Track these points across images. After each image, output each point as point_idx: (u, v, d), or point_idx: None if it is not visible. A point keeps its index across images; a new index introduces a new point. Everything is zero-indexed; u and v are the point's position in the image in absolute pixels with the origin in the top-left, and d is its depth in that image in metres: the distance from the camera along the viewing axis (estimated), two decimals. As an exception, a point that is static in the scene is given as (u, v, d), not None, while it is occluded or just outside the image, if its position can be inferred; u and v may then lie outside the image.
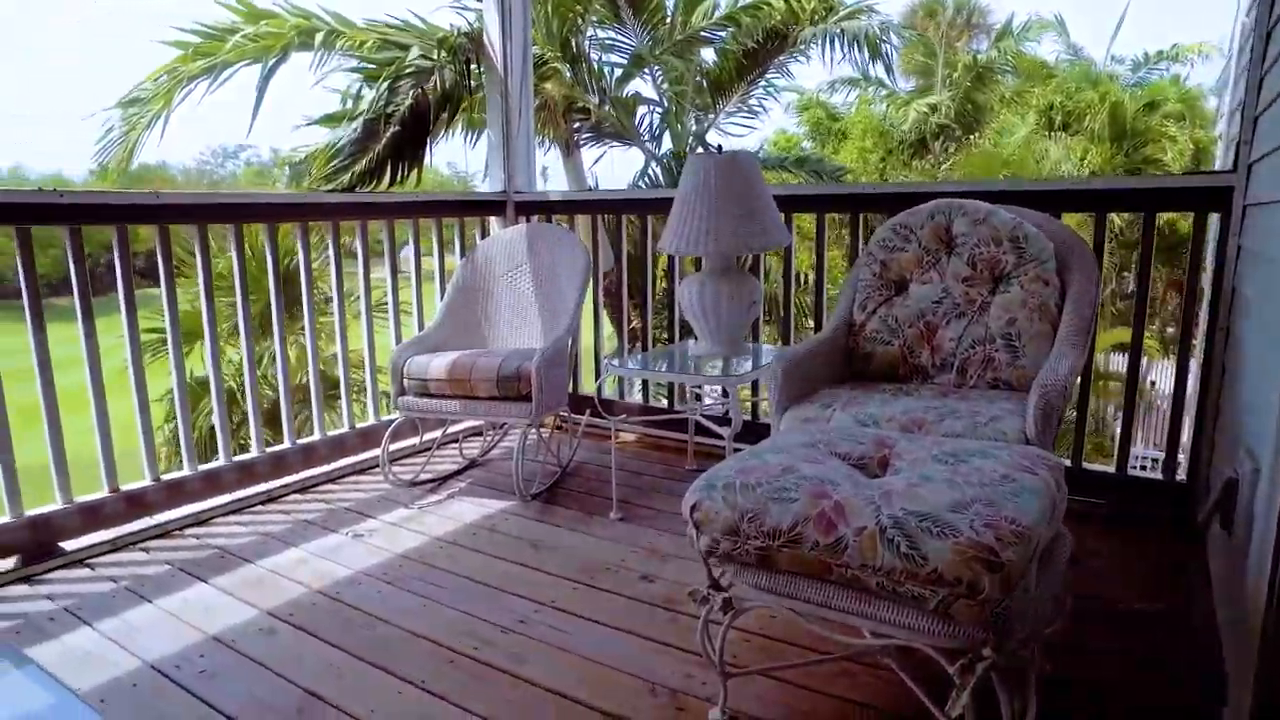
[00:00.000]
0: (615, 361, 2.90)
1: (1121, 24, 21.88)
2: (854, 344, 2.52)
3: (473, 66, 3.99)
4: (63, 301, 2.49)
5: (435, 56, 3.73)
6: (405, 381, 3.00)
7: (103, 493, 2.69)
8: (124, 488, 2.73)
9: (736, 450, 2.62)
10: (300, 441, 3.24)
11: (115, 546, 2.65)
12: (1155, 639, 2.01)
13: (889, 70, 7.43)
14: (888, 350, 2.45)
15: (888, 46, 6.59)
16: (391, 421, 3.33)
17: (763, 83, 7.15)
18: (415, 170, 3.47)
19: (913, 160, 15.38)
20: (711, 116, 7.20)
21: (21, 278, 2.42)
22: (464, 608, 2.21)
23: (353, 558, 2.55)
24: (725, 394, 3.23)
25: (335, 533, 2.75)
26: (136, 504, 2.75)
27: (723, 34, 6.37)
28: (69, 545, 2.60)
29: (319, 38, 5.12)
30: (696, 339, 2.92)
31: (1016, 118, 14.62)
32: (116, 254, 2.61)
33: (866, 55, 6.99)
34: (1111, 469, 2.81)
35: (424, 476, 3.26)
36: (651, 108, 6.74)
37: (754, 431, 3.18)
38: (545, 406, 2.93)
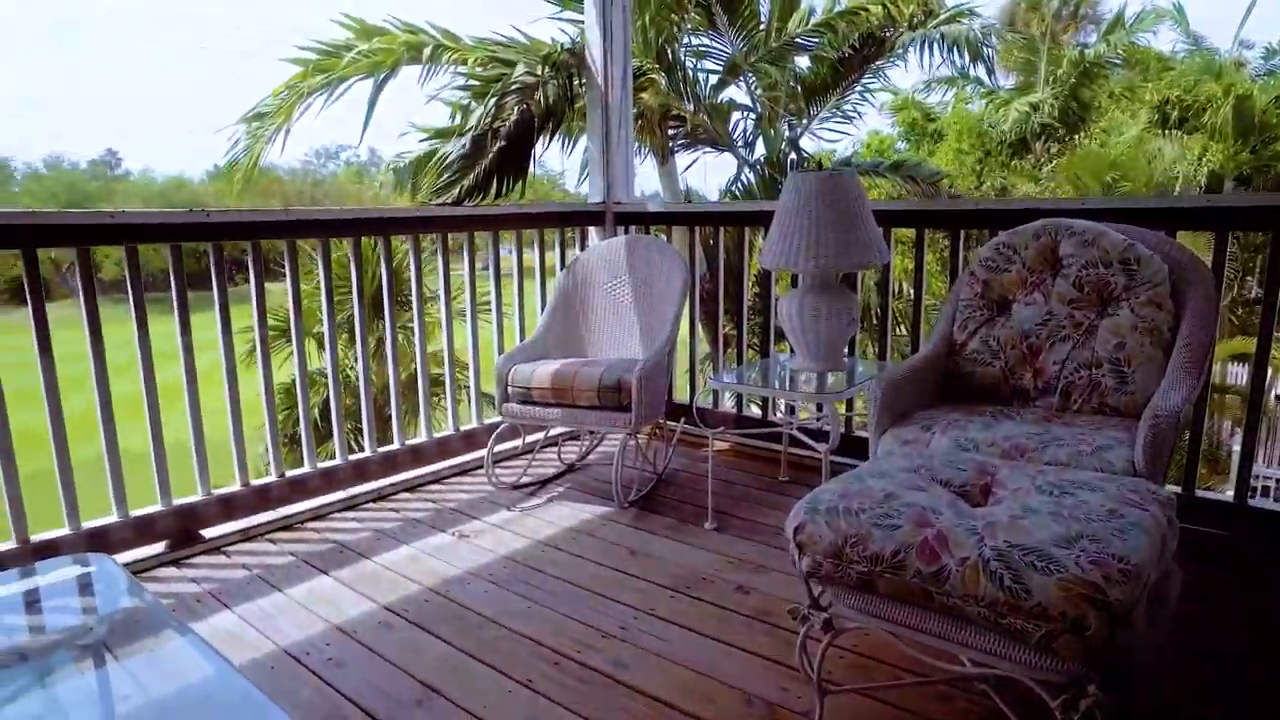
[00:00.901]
0: (713, 375, 2.97)
1: (1254, 5, 20.47)
2: (953, 364, 2.51)
3: (575, 80, 4.11)
4: (195, 294, 2.72)
5: (539, 72, 3.86)
6: (509, 389, 3.14)
7: (235, 486, 2.92)
8: (254, 483, 2.96)
9: (834, 465, 2.66)
10: (409, 443, 3.42)
11: (246, 536, 2.88)
12: (1263, 683, 1.95)
13: (990, 73, 7.22)
14: (988, 371, 2.44)
15: (989, 50, 6.43)
16: (493, 425, 3.48)
17: (858, 87, 7.08)
18: (520, 182, 3.61)
19: (1012, 160, 14.88)
20: (805, 122, 7.17)
21: (174, 288, 2.65)
22: (567, 611, 2.32)
23: (460, 557, 2.69)
24: (821, 408, 3.25)
25: (443, 532, 2.90)
26: (264, 498, 2.98)
27: (818, 40, 6.34)
28: (207, 533, 2.83)
29: (426, 52, 5.35)
30: (793, 352, 2.96)
31: (1126, 115, 13.93)
32: (251, 268, 2.83)
33: (967, 58, 6.84)
34: (1230, 494, 2.70)
35: (525, 480, 3.39)
36: (745, 114, 6.77)
37: (850, 445, 3.20)
38: (644, 417, 3.02)
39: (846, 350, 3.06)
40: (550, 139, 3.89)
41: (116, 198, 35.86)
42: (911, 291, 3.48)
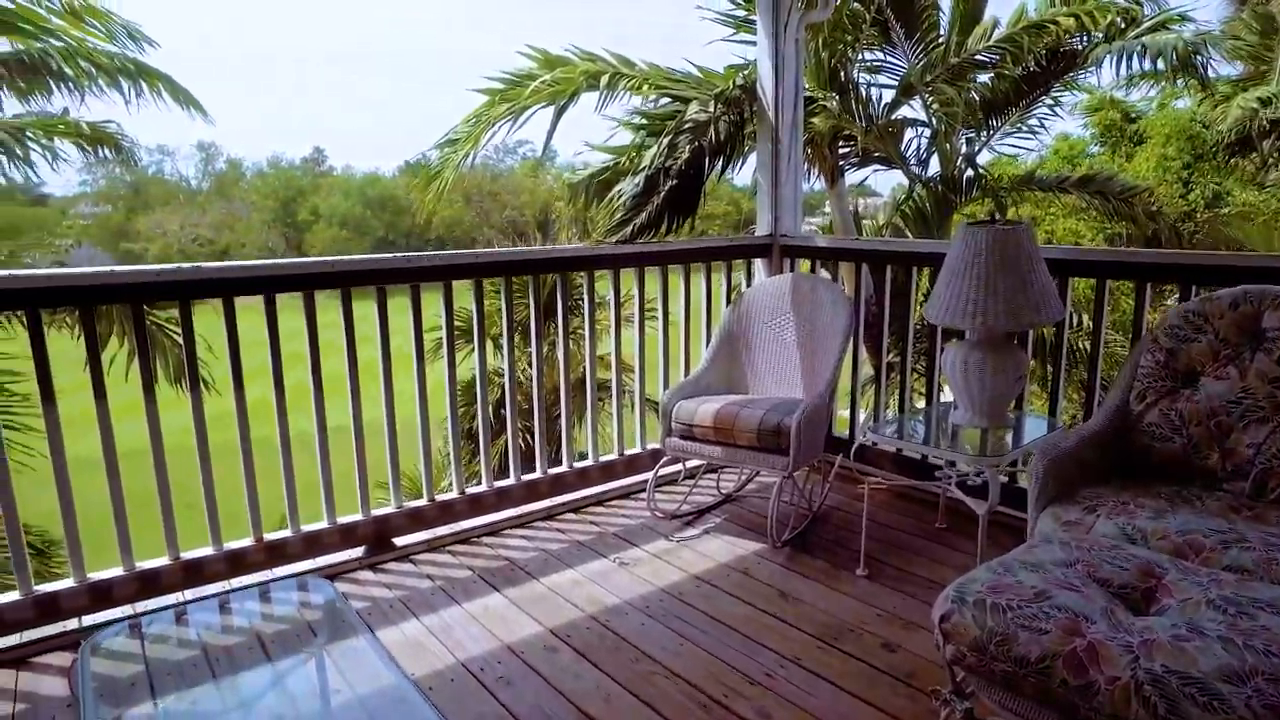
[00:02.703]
0: (872, 424, 2.98)
1: None
2: (1127, 435, 2.41)
3: (746, 113, 4.20)
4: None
5: (711, 109, 3.98)
6: (673, 424, 3.29)
7: (423, 501, 3.26)
8: (439, 498, 3.28)
9: (995, 516, 2.62)
10: (576, 465, 3.65)
11: (430, 547, 3.20)
12: None
13: (1203, 84, 6.59)
14: (1167, 447, 2.32)
15: (1202, 59, 5.87)
16: (655, 451, 3.65)
17: (1045, 100, 6.68)
18: (689, 220, 3.75)
19: (1230, 161, 13.37)
20: (984, 137, 6.86)
21: (379, 333, 3.00)
22: (717, 652, 2.44)
23: (620, 586, 2.88)
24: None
25: (604, 558, 3.10)
26: (447, 512, 3.29)
27: (1000, 55, 6.05)
28: (399, 541, 3.18)
29: (604, 80, 5.61)
30: (956, 405, 2.92)
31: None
32: (443, 308, 3.15)
33: (1175, 61, 6.27)
34: None
35: (684, 508, 3.54)
36: (920, 131, 6.59)
37: (1011, 497, 3.11)
38: (801, 460, 3.08)
39: (1015, 405, 2.99)
40: (722, 173, 4.00)
41: (322, 191, 39.45)
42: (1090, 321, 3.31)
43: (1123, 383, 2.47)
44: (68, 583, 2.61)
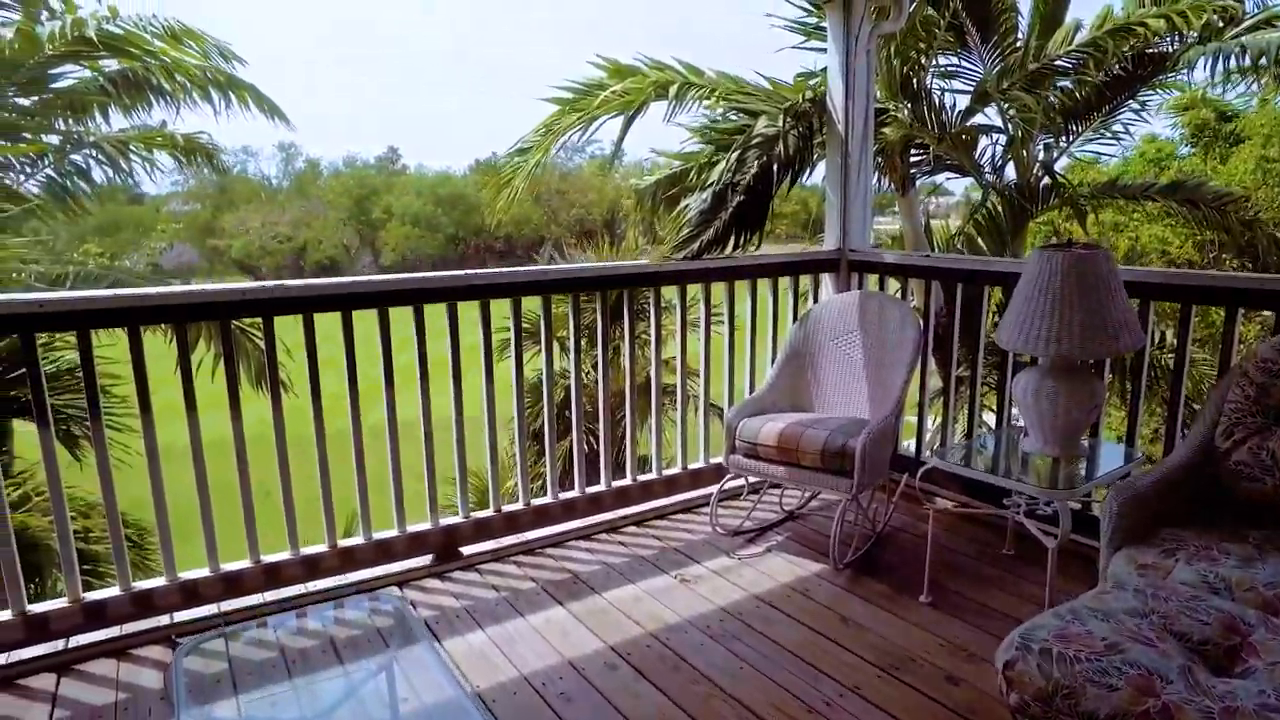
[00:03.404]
0: (937, 451, 2.93)
1: None
2: (1211, 473, 2.31)
3: (816, 126, 4.17)
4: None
5: (780, 123, 3.96)
6: (737, 442, 3.29)
7: (490, 511, 3.33)
8: (505, 509, 3.35)
9: (1069, 545, 2.54)
10: (640, 478, 3.69)
11: (496, 557, 3.27)
12: None
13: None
14: (1256, 488, 2.23)
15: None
16: (717, 465, 3.65)
17: (1131, 104, 6.41)
18: (757, 236, 3.74)
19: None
20: (1063, 143, 6.62)
21: (450, 353, 3.09)
22: (776, 677, 2.44)
23: (681, 603, 2.90)
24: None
25: (665, 574, 3.12)
26: (512, 523, 3.36)
27: (1082, 60, 5.81)
28: (466, 550, 3.26)
29: (673, 90, 5.63)
30: (1026, 431, 2.86)
31: None
32: (512, 324, 3.22)
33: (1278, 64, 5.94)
34: None
35: (746, 525, 3.54)
36: (994, 139, 6.39)
37: (1084, 524, 3.02)
38: (866, 483, 3.05)
39: (1090, 431, 2.90)
40: (790, 188, 3.97)
41: (395, 189, 40.48)
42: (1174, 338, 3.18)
43: (1208, 417, 2.38)
44: (160, 581, 2.76)
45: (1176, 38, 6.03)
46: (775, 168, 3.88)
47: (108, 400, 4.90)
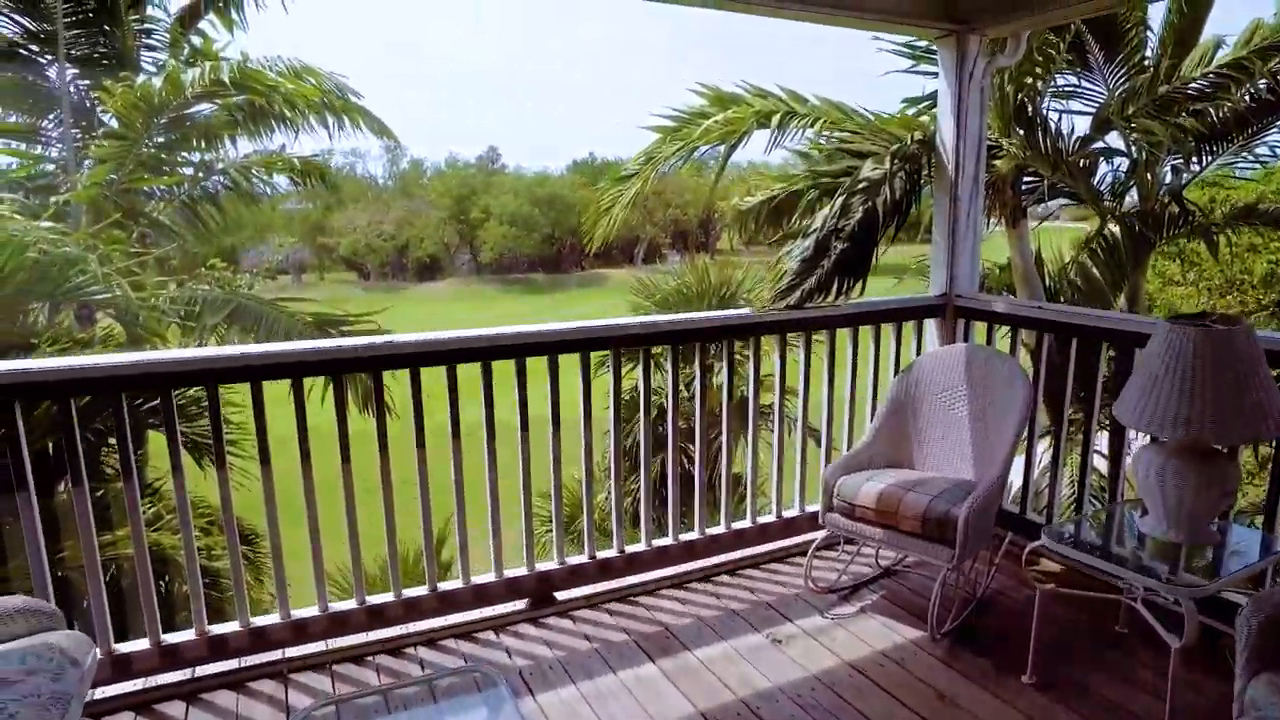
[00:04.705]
0: (1046, 531, 2.79)
1: None
2: (1362, 580, 2.13)
3: (924, 167, 4.04)
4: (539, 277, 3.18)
5: (887, 166, 3.86)
6: (834, 501, 3.23)
7: (583, 557, 3.37)
8: (599, 555, 3.39)
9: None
10: (734, 526, 3.66)
11: (590, 603, 3.32)
12: None
13: None
14: None
15: None
16: (812, 514, 3.59)
17: (1278, 126, 5.92)
18: (860, 284, 3.66)
19: None
20: (1195, 168, 6.19)
21: (550, 402, 3.13)
22: (869, 762, 2.39)
23: (772, 667, 2.86)
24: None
25: (757, 632, 3.10)
26: (605, 570, 3.40)
27: (1222, 83, 5.40)
28: (560, 595, 3.32)
29: (775, 119, 5.57)
30: (1145, 511, 2.69)
31: None
32: (612, 379, 3.25)
33: None
34: None
35: (842, 580, 3.47)
36: (1115, 164, 6.03)
37: (1216, 607, 2.81)
38: (969, 553, 2.95)
39: (1220, 514, 2.71)
40: (895, 234, 3.86)
41: (493, 190, 41.51)
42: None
43: (1356, 519, 2.19)
44: (274, 618, 2.92)
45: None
46: (880, 213, 3.78)
47: (229, 430, 5.20)
